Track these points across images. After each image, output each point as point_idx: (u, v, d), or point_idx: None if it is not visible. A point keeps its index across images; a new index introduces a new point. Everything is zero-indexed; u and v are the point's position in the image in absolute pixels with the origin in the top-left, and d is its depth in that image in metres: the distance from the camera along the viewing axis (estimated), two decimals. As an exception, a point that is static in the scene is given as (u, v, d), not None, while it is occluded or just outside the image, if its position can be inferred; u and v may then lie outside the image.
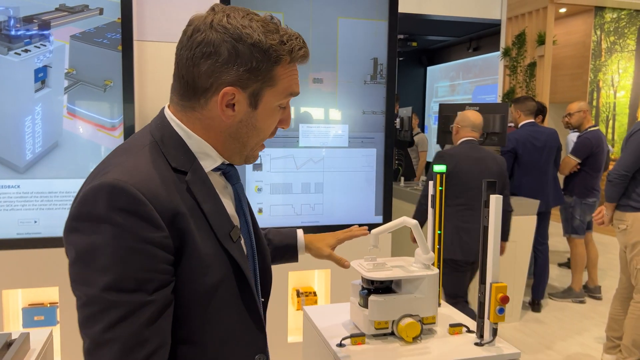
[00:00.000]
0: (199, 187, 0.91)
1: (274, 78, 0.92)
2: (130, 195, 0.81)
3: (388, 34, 2.74)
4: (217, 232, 0.91)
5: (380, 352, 1.50)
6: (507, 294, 1.52)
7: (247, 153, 0.99)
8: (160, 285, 0.82)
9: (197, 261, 0.87)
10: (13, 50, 2.23)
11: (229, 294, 0.93)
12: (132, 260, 0.79)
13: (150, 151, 0.90)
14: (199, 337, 0.91)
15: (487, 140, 3.87)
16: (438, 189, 1.85)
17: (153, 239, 0.81)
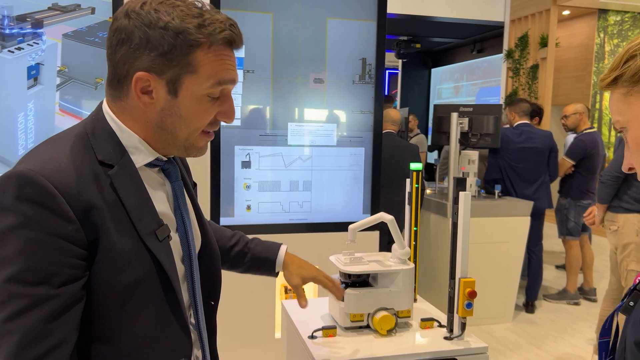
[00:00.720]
0: (124, 181, 0.89)
1: (192, 64, 0.88)
2: (40, 186, 0.79)
3: (377, 34, 2.77)
4: (139, 229, 0.88)
5: (350, 344, 1.54)
6: (475, 289, 1.54)
7: (184, 144, 0.94)
8: (67, 279, 0.80)
9: (113, 257, 0.85)
10: (6, 48, 2.29)
11: (150, 294, 0.89)
12: (38, 252, 0.78)
13: (75, 142, 0.88)
14: (114, 336, 0.87)
15: (481, 140, 3.89)
16: (414, 186, 1.88)
17: (62, 232, 0.79)
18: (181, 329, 0.95)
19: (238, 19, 2.55)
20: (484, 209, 3.91)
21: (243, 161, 2.64)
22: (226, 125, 2.59)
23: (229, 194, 2.64)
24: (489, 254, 3.92)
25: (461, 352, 1.51)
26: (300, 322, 1.68)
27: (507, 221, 3.94)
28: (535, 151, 4.11)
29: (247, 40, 2.59)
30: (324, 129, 2.75)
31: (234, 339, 2.76)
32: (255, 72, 2.63)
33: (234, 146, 2.63)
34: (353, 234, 1.67)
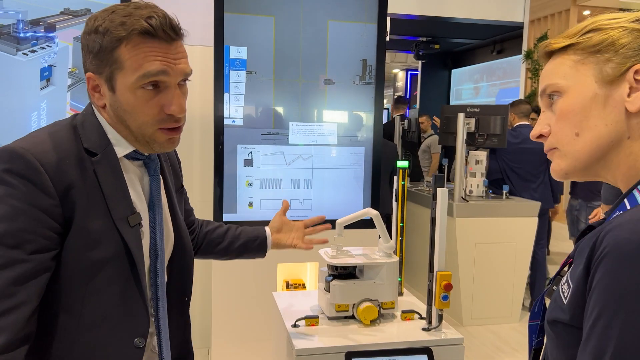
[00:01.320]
0: (106, 169, 0.98)
1: (118, 60, 0.94)
2: (27, 162, 0.89)
3: (377, 36, 2.83)
4: (113, 213, 0.97)
5: (330, 333, 1.61)
6: (450, 282, 1.59)
7: (141, 138, 1.00)
8: (39, 248, 0.89)
9: (85, 235, 0.93)
10: (21, 51, 2.43)
11: (115, 274, 0.97)
12: (18, 220, 0.87)
13: (66, 130, 0.99)
14: (78, 308, 0.95)
15: (488, 141, 3.91)
16: (400, 183, 1.94)
17: (42, 205, 0.89)
18: (140, 310, 1.02)
19: (241, 22, 2.66)
20: (491, 209, 3.92)
21: (245, 159, 2.73)
22: (228, 124, 2.69)
23: (232, 191, 2.73)
24: (496, 254, 3.93)
25: (437, 343, 1.57)
26: (286, 312, 1.76)
27: (514, 221, 3.95)
28: (533, 152, 4.10)
29: (249, 43, 2.69)
30: (324, 129, 2.82)
31: (236, 334, 2.85)
32: (258, 73, 2.71)
33: (236, 145, 2.72)
34: (340, 228, 1.75)
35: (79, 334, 0.96)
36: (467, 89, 10.68)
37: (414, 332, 1.62)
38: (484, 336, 3.81)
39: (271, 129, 2.76)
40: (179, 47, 0.99)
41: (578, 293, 0.70)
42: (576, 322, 0.70)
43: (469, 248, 3.89)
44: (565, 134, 0.79)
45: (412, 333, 1.62)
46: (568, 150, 0.79)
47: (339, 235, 1.75)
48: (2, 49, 2.43)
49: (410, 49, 10.16)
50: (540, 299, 0.88)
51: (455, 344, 1.58)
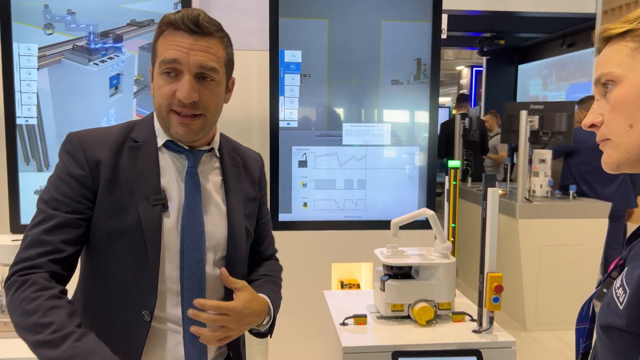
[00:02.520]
0: (141, 153, 1.12)
1: (157, 51, 1.11)
2: (72, 142, 1.11)
3: (432, 34, 2.80)
4: (136, 190, 1.09)
5: (378, 332, 1.62)
6: (501, 284, 1.56)
7: (164, 124, 1.12)
8: (71, 210, 1.06)
9: (107, 205, 1.08)
10: (92, 61, 2.61)
11: (130, 246, 1.07)
12: (59, 187, 1.08)
13: (125, 124, 1.17)
14: (101, 271, 1.10)
15: (553, 139, 3.75)
16: (452, 183, 1.91)
17: (76, 175, 1.08)
18: (149, 285, 1.09)
19: (295, 26, 2.72)
20: (557, 210, 3.76)
21: (300, 160, 2.78)
22: (283, 127, 2.75)
23: (287, 192, 2.80)
24: (563, 257, 3.76)
25: (487, 345, 1.53)
26: (336, 310, 1.78)
27: (582, 223, 3.76)
28: None
29: (303, 46, 2.74)
30: (378, 129, 2.82)
31: (292, 332, 2.90)
32: (312, 75, 2.76)
33: (291, 146, 2.78)
34: (395, 229, 1.75)
35: (98, 296, 1.11)
36: (534, 85, 10.25)
37: (463, 333, 1.60)
38: (550, 342, 3.66)
39: (325, 130, 2.80)
40: (204, 42, 1.08)
41: (636, 299, 0.67)
42: (634, 329, 0.67)
43: (533, 250, 3.75)
44: (619, 125, 0.75)
45: (461, 335, 1.59)
46: (621, 142, 0.76)
47: (394, 235, 1.76)
48: (76, 60, 2.62)
49: (474, 45, 9.89)
50: (588, 302, 0.85)
51: (506, 347, 1.55)
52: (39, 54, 2.59)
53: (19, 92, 2.60)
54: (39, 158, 2.64)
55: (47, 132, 2.63)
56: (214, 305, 1.06)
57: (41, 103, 2.62)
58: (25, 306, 0.97)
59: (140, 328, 1.08)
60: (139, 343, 1.07)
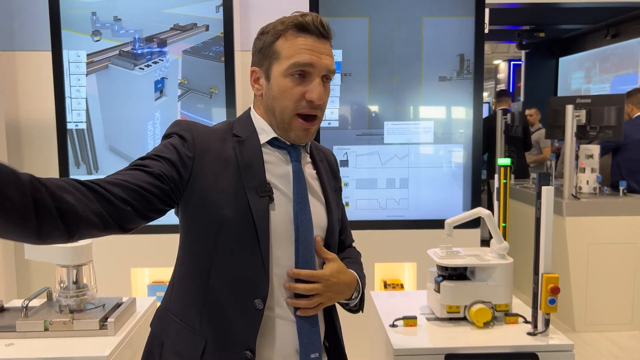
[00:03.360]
0: (246, 148, 1.14)
1: (276, 52, 1.12)
2: (184, 127, 1.13)
3: (475, 29, 2.74)
4: (245, 181, 1.11)
5: (428, 334, 1.59)
6: (558, 285, 1.51)
7: (283, 126, 1.15)
8: (161, 168, 1.05)
9: (216, 194, 1.09)
10: (138, 66, 2.67)
11: (241, 235, 1.09)
12: (161, 150, 1.09)
13: (226, 122, 1.21)
14: (209, 260, 1.11)
15: (601, 134, 3.62)
16: (502, 182, 1.86)
17: (181, 150, 1.09)
18: (260, 274, 1.10)
19: (336, 25, 2.71)
20: (606, 207, 3.62)
21: (341, 160, 2.77)
22: (324, 127, 2.75)
23: (329, 191, 2.79)
24: (612, 256, 3.63)
25: (543, 348, 1.49)
26: (384, 311, 1.77)
27: (633, 220, 3.62)
28: None
29: (344, 45, 2.73)
30: (420, 127, 2.79)
31: (336, 329, 2.90)
32: (352, 74, 2.75)
33: (332, 146, 2.77)
34: (449, 229, 1.73)
35: (208, 284, 1.10)
36: (577, 78, 9.93)
37: (518, 336, 1.56)
38: (600, 344, 3.53)
39: (366, 129, 2.78)
40: (327, 45, 1.15)
41: None
42: None
43: (581, 249, 3.63)
44: None
45: (516, 337, 1.55)
46: None
47: (448, 235, 1.73)
48: (122, 65, 2.69)
49: (513, 39, 9.65)
50: None
51: (564, 351, 1.50)
52: (88, 60, 2.67)
53: (69, 97, 2.68)
54: (88, 161, 2.72)
55: (96, 136, 2.71)
56: (307, 273, 1.13)
57: (90, 108, 2.70)
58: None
59: (253, 316, 1.09)
60: (252, 331, 1.09)
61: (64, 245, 1.62)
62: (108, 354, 1.46)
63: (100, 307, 1.67)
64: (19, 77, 3.06)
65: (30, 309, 1.62)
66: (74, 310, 1.62)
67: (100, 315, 1.61)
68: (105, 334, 1.58)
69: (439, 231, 2.77)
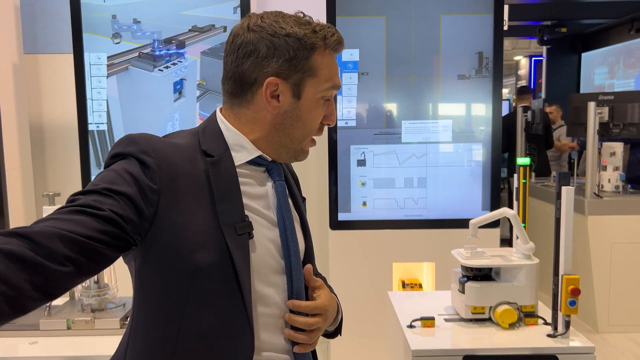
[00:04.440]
0: (219, 171, 0.94)
1: (313, 67, 0.95)
2: (140, 146, 0.88)
3: (494, 26, 2.71)
4: (221, 217, 0.91)
5: (446, 334, 1.59)
6: (578, 287, 1.49)
7: (295, 147, 1.00)
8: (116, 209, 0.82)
9: (189, 235, 0.88)
10: (157, 68, 2.70)
11: (217, 282, 0.90)
12: (115, 181, 0.84)
13: (187, 133, 0.99)
14: (174, 321, 0.90)
15: (624, 131, 3.55)
16: (522, 181, 1.84)
17: (141, 181, 0.86)
18: (243, 328, 0.92)
19: (353, 25, 2.71)
20: (629, 205, 3.55)
21: (358, 160, 2.77)
22: (341, 126, 2.75)
23: (346, 191, 2.79)
24: (636, 255, 3.56)
25: (564, 351, 1.48)
26: (402, 312, 1.76)
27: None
28: None
29: (361, 44, 2.73)
30: (438, 125, 2.77)
31: (353, 330, 2.90)
32: (370, 73, 2.74)
33: (349, 145, 2.77)
34: (474, 229, 1.72)
35: (172, 352, 0.90)
36: (600, 73, 9.75)
37: (537, 337, 1.54)
38: (624, 345, 3.47)
39: (383, 128, 2.77)
40: None
41: None
42: None
43: (604, 248, 3.57)
44: None
45: (535, 339, 1.54)
46: None
47: (472, 235, 1.72)
48: (142, 67, 2.72)
49: (534, 35, 9.51)
50: None
51: (585, 353, 1.48)
52: (108, 63, 2.71)
53: (90, 99, 2.73)
54: (109, 162, 2.76)
55: (116, 137, 2.75)
56: (309, 305, 1.00)
57: (110, 109, 2.74)
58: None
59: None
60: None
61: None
62: (128, 353, 1.49)
63: (121, 307, 1.69)
64: (42, 80, 3.12)
65: (53, 308, 1.65)
66: (95, 310, 1.65)
67: (121, 314, 1.63)
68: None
69: (458, 231, 2.78)
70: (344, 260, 2.86)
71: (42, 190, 2.75)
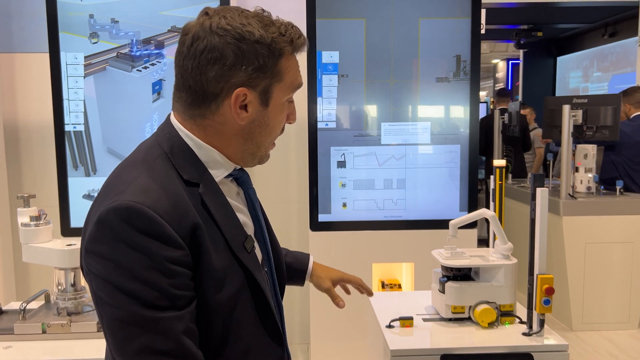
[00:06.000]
0: (212, 198, 0.90)
1: (280, 72, 0.90)
2: (147, 217, 0.80)
3: (471, 30, 2.75)
4: (232, 244, 0.90)
5: (425, 334, 1.60)
6: (552, 286, 1.52)
7: (260, 153, 0.97)
8: (188, 301, 0.84)
9: (213, 275, 0.87)
10: (135, 68, 2.68)
11: (246, 305, 0.92)
12: (159, 280, 0.80)
13: (161, 164, 0.89)
14: (223, 350, 0.91)
15: (597, 134, 3.64)
16: (498, 183, 1.88)
17: (175, 258, 0.81)
18: (274, 338, 0.98)
19: (333, 27, 2.72)
20: (603, 206, 3.64)
21: (338, 161, 2.79)
22: (322, 128, 2.76)
23: (326, 192, 2.80)
24: (610, 255, 3.65)
25: (538, 349, 1.50)
26: (381, 312, 1.77)
27: (630, 219, 3.64)
28: None
29: (341, 46, 2.74)
30: (417, 128, 2.80)
31: (333, 332, 2.91)
32: (349, 76, 2.76)
33: (329, 147, 2.78)
34: (454, 230, 1.74)
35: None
36: (574, 77, 9.96)
37: (513, 336, 1.57)
38: (598, 343, 3.55)
39: (363, 130, 2.79)
40: None
41: None
42: None
43: (578, 248, 3.65)
44: None
45: (512, 338, 1.56)
46: None
47: (452, 236, 1.74)
48: (120, 67, 2.70)
49: (511, 38, 9.68)
50: None
51: (559, 351, 1.51)
52: (85, 63, 2.67)
53: (67, 99, 2.69)
54: (86, 163, 2.73)
55: (94, 138, 2.72)
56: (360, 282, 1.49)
57: (87, 110, 2.70)
58: None
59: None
60: None
61: (61, 248, 1.63)
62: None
63: (99, 309, 1.67)
64: (17, 79, 3.07)
65: (28, 312, 1.63)
66: (71, 313, 1.63)
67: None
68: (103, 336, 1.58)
69: (437, 231, 2.81)
70: (324, 261, 2.83)
71: (16, 192, 2.70)
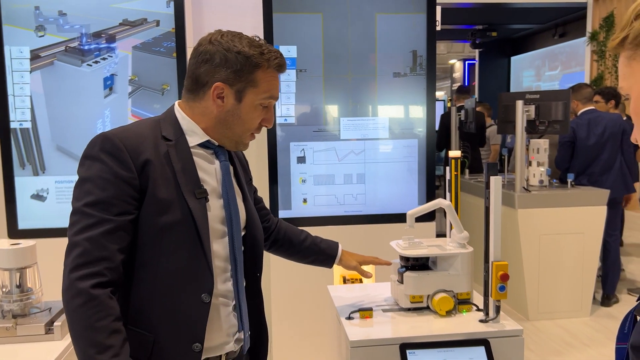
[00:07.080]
0: (177, 151, 1.21)
1: (255, 80, 1.21)
2: (114, 144, 1.14)
3: (427, 26, 2.79)
4: (181, 186, 1.19)
5: (384, 324, 1.61)
6: (507, 272, 1.55)
7: (236, 139, 1.28)
8: (122, 211, 1.13)
9: (157, 202, 1.16)
10: (85, 62, 2.58)
11: (182, 237, 1.18)
12: (107, 189, 1.12)
13: (150, 122, 1.25)
14: (153, 264, 1.18)
15: (549, 128, 3.75)
16: (453, 173, 1.90)
17: (124, 176, 1.14)
18: (204, 269, 1.20)
19: (290, 21, 2.70)
20: (555, 198, 3.76)
21: (298, 156, 2.77)
22: (281, 123, 2.74)
23: (287, 188, 2.78)
24: (563, 246, 3.77)
25: (494, 334, 1.53)
26: (341, 305, 1.77)
27: (581, 211, 3.77)
28: (605, 136, 3.89)
29: (298, 41, 2.72)
30: (375, 123, 2.81)
31: (295, 328, 2.89)
32: (308, 71, 2.74)
33: (289, 142, 2.76)
34: (411, 220, 1.74)
35: (154, 286, 1.18)
36: (528, 76, 10.27)
37: (471, 323, 1.59)
38: (552, 331, 3.66)
39: (322, 125, 2.78)
40: None
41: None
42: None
43: (533, 240, 3.75)
44: (638, 134, 0.74)
45: (469, 325, 1.59)
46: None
47: (410, 226, 1.75)
48: (69, 62, 2.59)
49: (467, 38, 9.89)
50: (630, 317, 0.77)
51: (514, 336, 1.54)
52: (31, 57, 2.56)
53: (12, 95, 2.57)
54: (34, 162, 2.61)
55: (42, 136, 2.61)
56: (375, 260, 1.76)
57: (35, 106, 2.59)
58: (93, 323, 1.07)
59: (202, 309, 1.20)
60: (201, 322, 1.20)
61: (5, 247, 1.55)
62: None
63: (47, 311, 1.60)
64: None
65: (-30, 316, 1.54)
66: (17, 315, 1.55)
67: (46, 319, 1.54)
68: (52, 339, 1.52)
69: (397, 225, 2.83)
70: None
71: (-41, 193, 2.56)
